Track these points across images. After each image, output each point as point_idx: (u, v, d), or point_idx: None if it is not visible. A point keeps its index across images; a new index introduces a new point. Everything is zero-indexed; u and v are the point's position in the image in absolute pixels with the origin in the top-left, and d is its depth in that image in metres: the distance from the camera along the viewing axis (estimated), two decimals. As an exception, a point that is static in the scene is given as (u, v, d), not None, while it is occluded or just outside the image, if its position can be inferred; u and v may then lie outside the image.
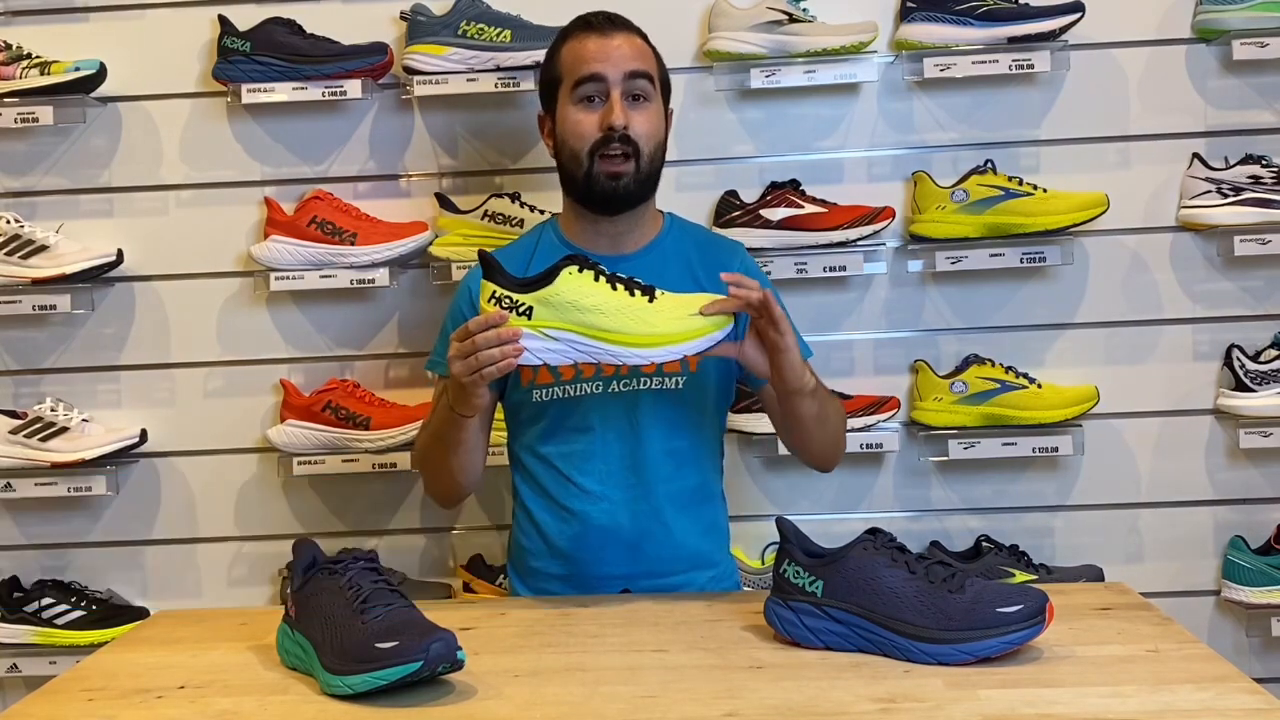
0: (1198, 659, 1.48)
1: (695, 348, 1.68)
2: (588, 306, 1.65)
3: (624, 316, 1.66)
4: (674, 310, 1.69)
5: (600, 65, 1.95)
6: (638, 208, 2.00)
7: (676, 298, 1.71)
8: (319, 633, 1.47)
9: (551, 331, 1.66)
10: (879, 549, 1.53)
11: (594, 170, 1.95)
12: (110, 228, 2.66)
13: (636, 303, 1.67)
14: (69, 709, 1.45)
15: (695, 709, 1.37)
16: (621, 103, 1.94)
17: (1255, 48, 2.49)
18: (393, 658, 1.39)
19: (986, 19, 2.48)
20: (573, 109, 1.97)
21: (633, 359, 1.67)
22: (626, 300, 1.67)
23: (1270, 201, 2.48)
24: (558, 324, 1.66)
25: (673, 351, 1.67)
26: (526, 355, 1.66)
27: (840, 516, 2.65)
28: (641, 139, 1.94)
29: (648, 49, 2.02)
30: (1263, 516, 2.62)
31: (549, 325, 1.66)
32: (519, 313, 1.66)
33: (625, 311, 1.66)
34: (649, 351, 1.67)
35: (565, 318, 1.66)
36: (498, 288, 1.67)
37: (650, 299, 1.68)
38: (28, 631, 2.57)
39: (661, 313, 1.68)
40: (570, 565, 1.96)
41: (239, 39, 2.54)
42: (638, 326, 1.66)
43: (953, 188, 2.51)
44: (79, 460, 2.55)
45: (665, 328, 1.67)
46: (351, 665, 1.41)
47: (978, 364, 2.55)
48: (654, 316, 1.67)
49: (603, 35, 1.97)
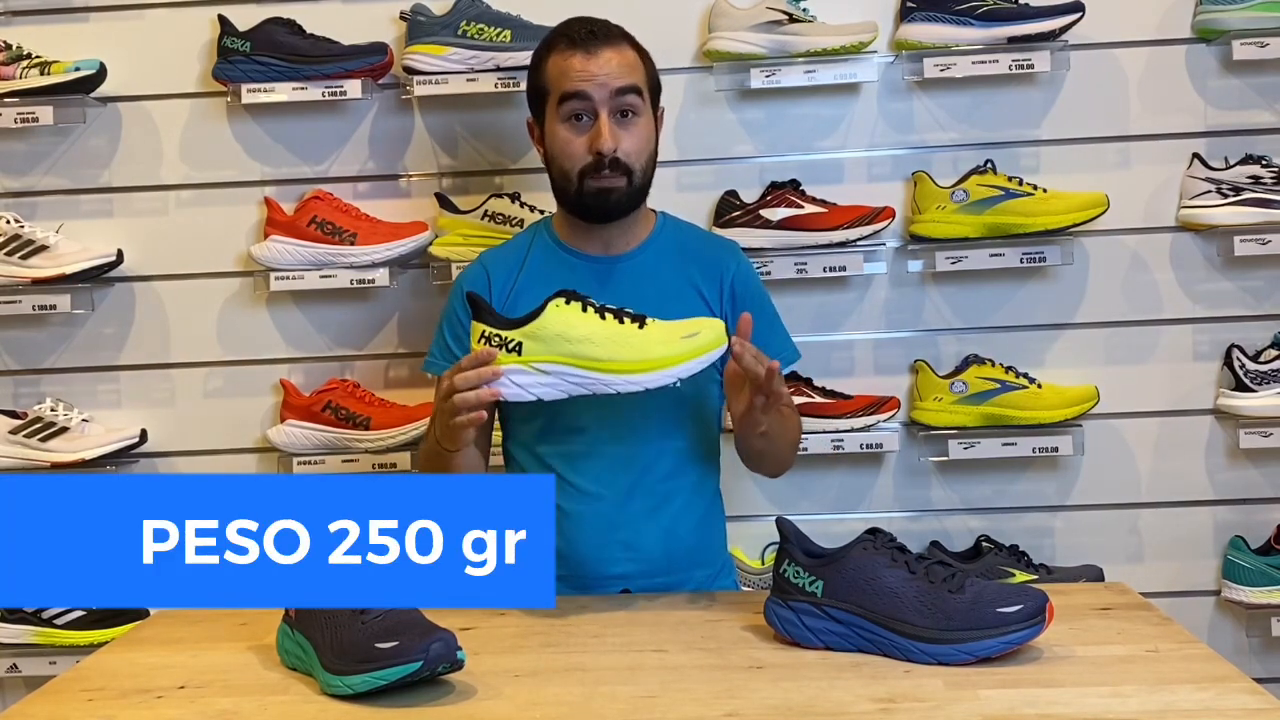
0: (1198, 659, 1.48)
1: (688, 370, 1.68)
2: (577, 337, 1.64)
3: (614, 344, 1.65)
4: (665, 334, 1.68)
5: (586, 84, 1.92)
6: (629, 214, 2.01)
7: (667, 324, 1.71)
8: (319, 633, 1.47)
9: (542, 365, 1.65)
10: (879, 549, 1.53)
11: (584, 188, 1.95)
12: (110, 228, 2.66)
13: (627, 329, 1.67)
14: (69, 709, 1.45)
15: (695, 709, 1.37)
16: (610, 124, 1.93)
17: (1255, 48, 2.49)
18: (392, 658, 1.40)
19: (986, 19, 2.48)
20: (561, 127, 1.96)
21: (625, 386, 1.66)
22: (616, 328, 1.67)
23: (1270, 201, 2.48)
24: (548, 357, 1.65)
25: (665, 375, 1.66)
26: (517, 391, 1.65)
27: (840, 516, 2.65)
28: (631, 158, 1.94)
29: (634, 58, 1.98)
30: (1263, 516, 2.62)
31: (539, 360, 1.65)
32: (508, 349, 1.65)
33: (616, 339, 1.65)
34: (642, 377, 1.66)
35: (555, 350, 1.65)
36: (486, 326, 1.67)
37: (640, 326, 1.68)
38: (28, 631, 2.57)
39: (652, 338, 1.67)
40: (568, 566, 1.96)
41: (239, 39, 2.54)
42: (629, 353, 1.65)
43: (953, 188, 2.51)
44: (79, 460, 2.55)
45: (657, 352, 1.66)
46: (351, 665, 1.41)
47: (978, 364, 2.55)
48: (644, 342, 1.67)
49: (587, 53, 1.93)
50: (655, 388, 1.67)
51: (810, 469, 2.61)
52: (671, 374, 1.66)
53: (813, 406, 2.52)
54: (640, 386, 1.67)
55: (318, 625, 1.48)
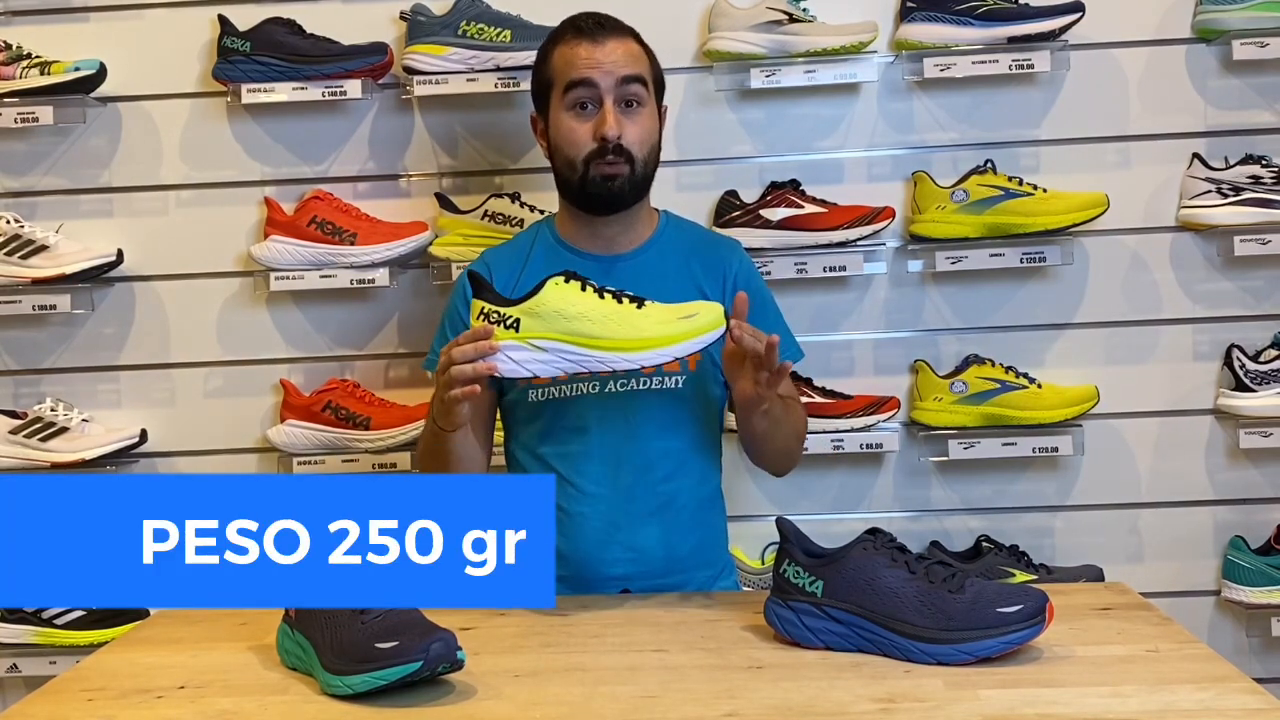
0: (1198, 659, 1.48)
1: (685, 350, 1.68)
2: (574, 314, 1.65)
3: (611, 323, 1.66)
4: (663, 315, 1.69)
5: (592, 72, 1.94)
6: (633, 207, 2.00)
7: (666, 306, 1.71)
8: (319, 633, 1.47)
9: (539, 342, 1.65)
10: (879, 549, 1.53)
11: (589, 175, 1.95)
12: (110, 228, 2.66)
13: (625, 309, 1.68)
14: (69, 709, 1.45)
15: (695, 709, 1.37)
16: (614, 111, 1.94)
17: (1255, 48, 2.49)
18: (392, 658, 1.40)
19: (986, 19, 2.48)
20: (566, 116, 1.97)
21: (621, 364, 1.67)
22: (614, 307, 1.67)
23: (1270, 201, 2.48)
24: (545, 334, 1.65)
25: (663, 354, 1.66)
26: (514, 367, 1.66)
27: (840, 516, 2.65)
28: (635, 146, 1.95)
29: (640, 51, 2.01)
30: (1263, 516, 2.62)
31: (536, 336, 1.66)
32: (506, 325, 1.66)
33: (613, 317, 1.66)
34: (638, 355, 1.66)
35: (552, 327, 1.65)
36: (485, 303, 1.68)
37: (639, 306, 1.68)
38: (28, 631, 2.57)
39: (650, 317, 1.68)
40: (568, 566, 1.96)
41: (239, 39, 2.54)
42: (626, 331, 1.66)
43: (953, 188, 2.51)
44: (79, 460, 2.55)
45: (654, 331, 1.66)
46: (351, 665, 1.41)
47: (978, 364, 2.55)
48: (643, 321, 1.67)
49: (594, 41, 1.96)
50: (652, 366, 1.67)
51: (810, 469, 2.61)
52: (668, 353, 1.66)
53: (813, 406, 2.51)
54: (636, 365, 1.67)
55: (318, 625, 1.48)
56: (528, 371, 1.67)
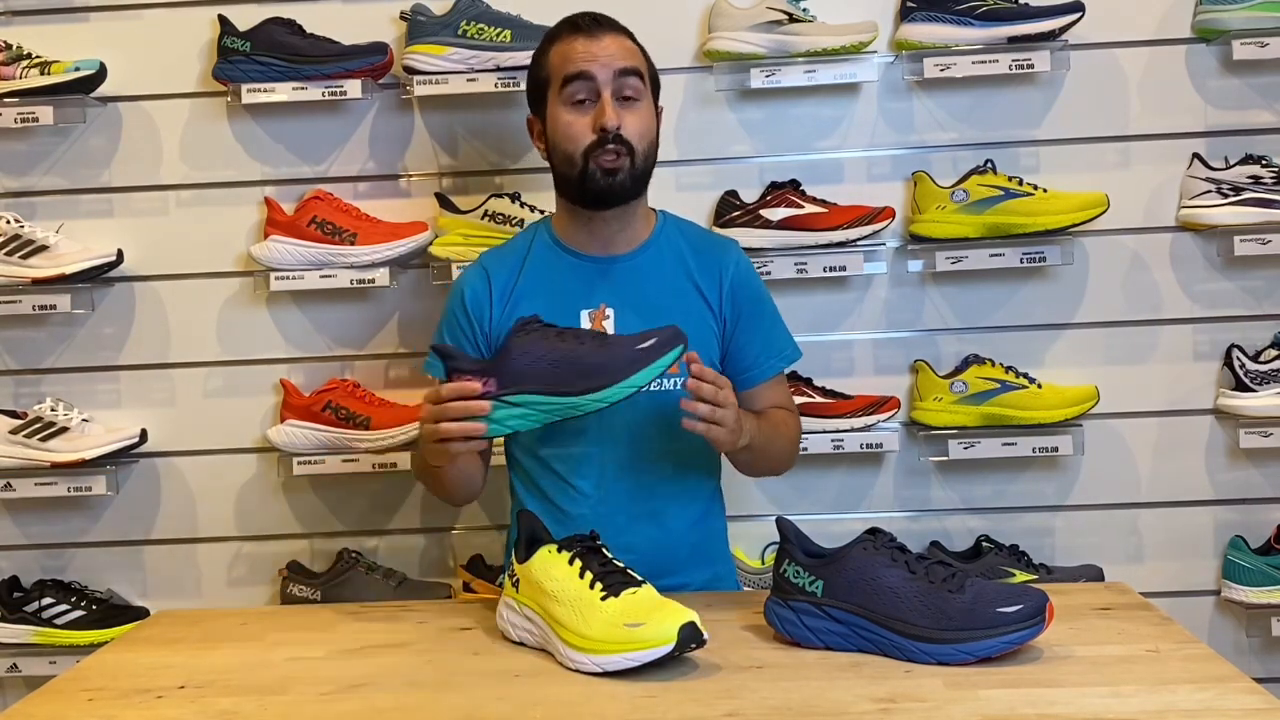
0: (1198, 659, 1.48)
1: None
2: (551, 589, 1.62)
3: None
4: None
5: (589, 65, 1.94)
6: (630, 204, 2.00)
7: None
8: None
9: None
10: (879, 549, 1.53)
11: (589, 168, 1.94)
12: (110, 228, 2.66)
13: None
14: (69, 709, 1.46)
15: (695, 709, 1.37)
16: (613, 103, 1.93)
17: (1255, 48, 2.49)
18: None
19: (986, 19, 2.48)
20: (563, 111, 1.96)
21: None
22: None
23: (1270, 201, 2.48)
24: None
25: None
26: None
27: (840, 516, 2.65)
28: (634, 138, 1.94)
29: (636, 48, 2.01)
30: (1263, 516, 2.62)
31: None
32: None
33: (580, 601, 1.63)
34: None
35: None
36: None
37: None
38: (28, 631, 2.57)
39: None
40: (569, 566, 1.96)
41: (239, 39, 2.54)
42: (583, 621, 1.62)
43: (953, 188, 2.51)
44: (79, 460, 2.54)
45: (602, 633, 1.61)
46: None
47: (978, 364, 2.55)
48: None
49: (590, 36, 1.96)
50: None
51: (810, 469, 2.61)
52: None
53: (813, 406, 2.52)
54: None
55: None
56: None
